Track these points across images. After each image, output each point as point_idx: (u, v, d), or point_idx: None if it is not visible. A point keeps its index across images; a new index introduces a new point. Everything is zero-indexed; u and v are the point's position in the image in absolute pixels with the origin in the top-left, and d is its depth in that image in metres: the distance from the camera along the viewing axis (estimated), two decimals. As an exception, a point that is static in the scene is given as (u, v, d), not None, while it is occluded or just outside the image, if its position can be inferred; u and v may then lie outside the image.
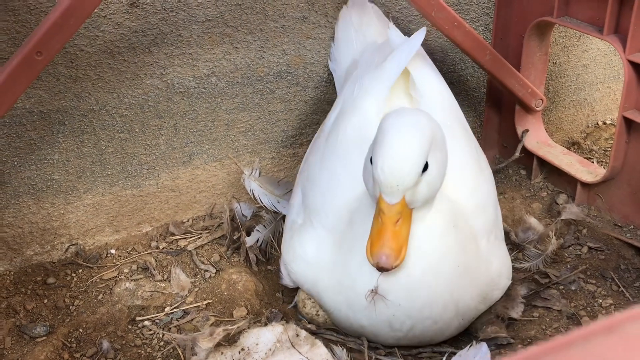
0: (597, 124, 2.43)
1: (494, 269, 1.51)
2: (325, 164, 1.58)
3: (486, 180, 1.59)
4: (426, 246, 1.36)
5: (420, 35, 1.58)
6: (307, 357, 1.37)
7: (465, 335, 1.57)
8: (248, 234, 1.79)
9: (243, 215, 1.87)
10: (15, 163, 1.67)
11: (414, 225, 1.32)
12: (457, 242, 1.40)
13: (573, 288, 1.64)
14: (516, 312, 1.58)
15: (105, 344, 1.53)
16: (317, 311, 1.57)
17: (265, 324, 1.50)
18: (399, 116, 1.31)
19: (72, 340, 1.56)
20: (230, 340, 1.49)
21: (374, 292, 1.37)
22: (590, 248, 1.77)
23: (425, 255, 1.36)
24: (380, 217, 1.27)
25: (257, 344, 1.43)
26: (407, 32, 1.93)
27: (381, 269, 1.28)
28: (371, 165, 1.29)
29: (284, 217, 1.79)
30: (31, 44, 1.34)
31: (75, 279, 1.73)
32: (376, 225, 1.29)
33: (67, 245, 1.80)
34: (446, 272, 1.37)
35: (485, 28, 2.06)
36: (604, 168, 1.94)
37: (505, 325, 1.56)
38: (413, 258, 1.34)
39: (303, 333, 1.42)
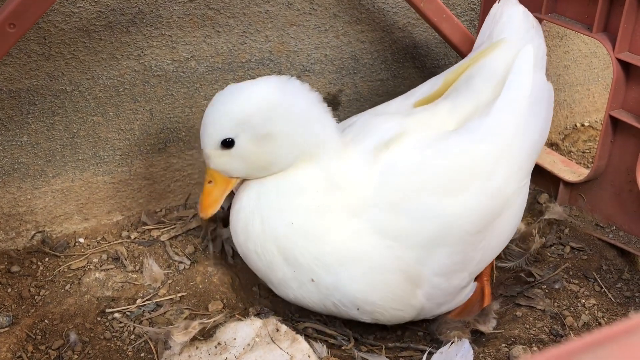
0: (576, 126, 2.42)
1: None
2: None
3: None
4: None
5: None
6: (287, 353, 1.31)
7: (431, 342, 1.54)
8: (225, 226, 1.72)
9: (220, 206, 1.80)
10: (-19, 144, 1.58)
11: None
12: None
13: (556, 287, 1.62)
14: (487, 327, 1.53)
15: (73, 336, 1.46)
16: None
17: (244, 317, 1.44)
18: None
19: (37, 331, 1.47)
20: (206, 334, 1.43)
21: None
22: (572, 248, 1.75)
23: None
24: None
25: (234, 339, 1.37)
26: (393, 24, 1.89)
27: None
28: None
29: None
30: (4, 15, 1.26)
31: (41, 268, 1.64)
32: None
33: (33, 232, 1.71)
34: None
35: (470, 23, 2.03)
36: (583, 169, 1.92)
37: (473, 338, 1.52)
38: None
39: (283, 328, 1.37)
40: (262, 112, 1.33)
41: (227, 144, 1.35)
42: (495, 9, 1.68)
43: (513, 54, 1.54)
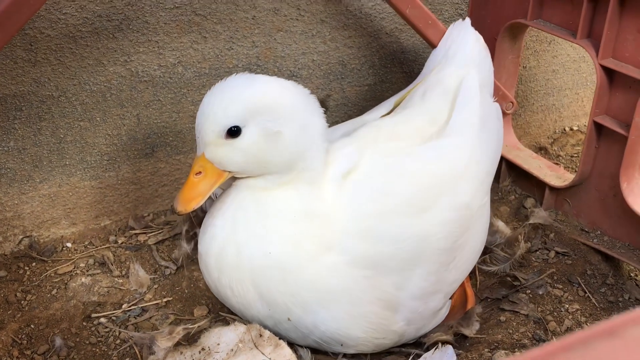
0: (564, 130, 2.43)
1: None
2: None
3: None
4: None
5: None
6: (270, 358, 1.32)
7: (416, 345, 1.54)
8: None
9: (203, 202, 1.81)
10: (-33, 149, 1.58)
11: None
12: None
13: (540, 292, 1.63)
14: (470, 330, 1.54)
15: (58, 341, 1.46)
16: None
17: (228, 323, 1.45)
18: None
19: (23, 336, 1.48)
20: (190, 339, 1.44)
21: None
22: (557, 253, 1.76)
23: None
24: None
25: (218, 344, 1.38)
26: (380, 29, 1.90)
27: None
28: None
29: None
30: (-13, 23, 1.26)
31: (28, 273, 1.65)
32: None
33: (21, 237, 1.72)
34: None
35: (458, 29, 2.04)
36: (571, 173, 1.93)
37: (456, 339, 1.52)
38: None
39: (267, 333, 1.37)
40: (280, 109, 1.27)
41: (233, 132, 1.25)
42: (450, 30, 1.72)
43: (464, 74, 1.58)
